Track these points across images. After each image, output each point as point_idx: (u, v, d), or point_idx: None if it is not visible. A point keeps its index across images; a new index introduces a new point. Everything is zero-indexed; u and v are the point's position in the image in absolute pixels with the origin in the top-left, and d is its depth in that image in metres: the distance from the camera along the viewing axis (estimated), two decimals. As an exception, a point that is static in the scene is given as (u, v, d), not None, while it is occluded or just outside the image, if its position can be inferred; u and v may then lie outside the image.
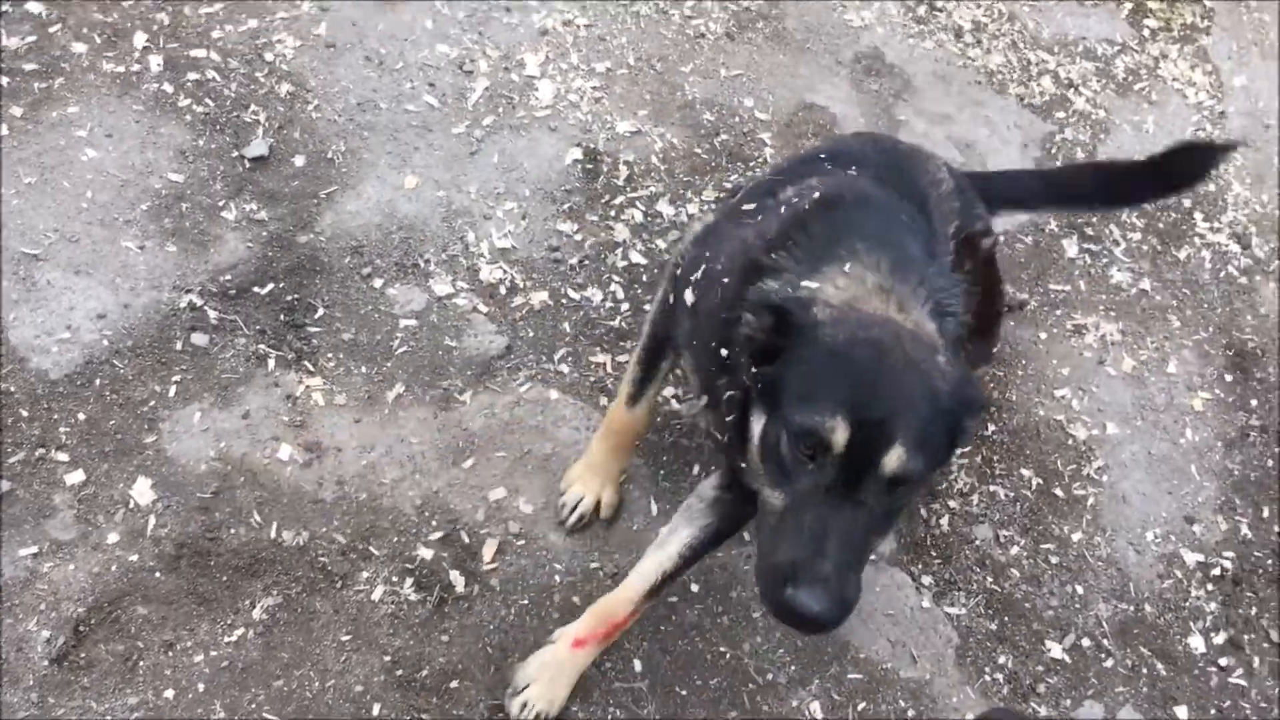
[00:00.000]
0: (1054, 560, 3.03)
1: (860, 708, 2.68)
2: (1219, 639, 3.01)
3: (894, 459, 1.70)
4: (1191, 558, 3.13)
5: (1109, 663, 2.90)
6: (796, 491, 1.76)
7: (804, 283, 1.99)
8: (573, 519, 2.76)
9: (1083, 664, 2.89)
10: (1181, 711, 2.87)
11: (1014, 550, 3.02)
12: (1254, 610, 3.08)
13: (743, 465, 2.00)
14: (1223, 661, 2.97)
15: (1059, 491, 3.15)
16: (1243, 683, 2.95)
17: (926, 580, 2.91)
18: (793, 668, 2.70)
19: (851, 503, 1.72)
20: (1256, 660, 3.00)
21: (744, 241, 2.19)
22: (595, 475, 2.76)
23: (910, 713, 2.71)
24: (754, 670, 2.68)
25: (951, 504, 3.05)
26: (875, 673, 2.74)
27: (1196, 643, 2.99)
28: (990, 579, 2.96)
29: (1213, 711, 2.89)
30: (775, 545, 1.77)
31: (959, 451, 1.92)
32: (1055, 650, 2.87)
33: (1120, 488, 3.22)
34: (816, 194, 2.21)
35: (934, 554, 2.97)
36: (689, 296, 2.26)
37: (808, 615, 1.67)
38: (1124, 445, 3.31)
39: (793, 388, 1.80)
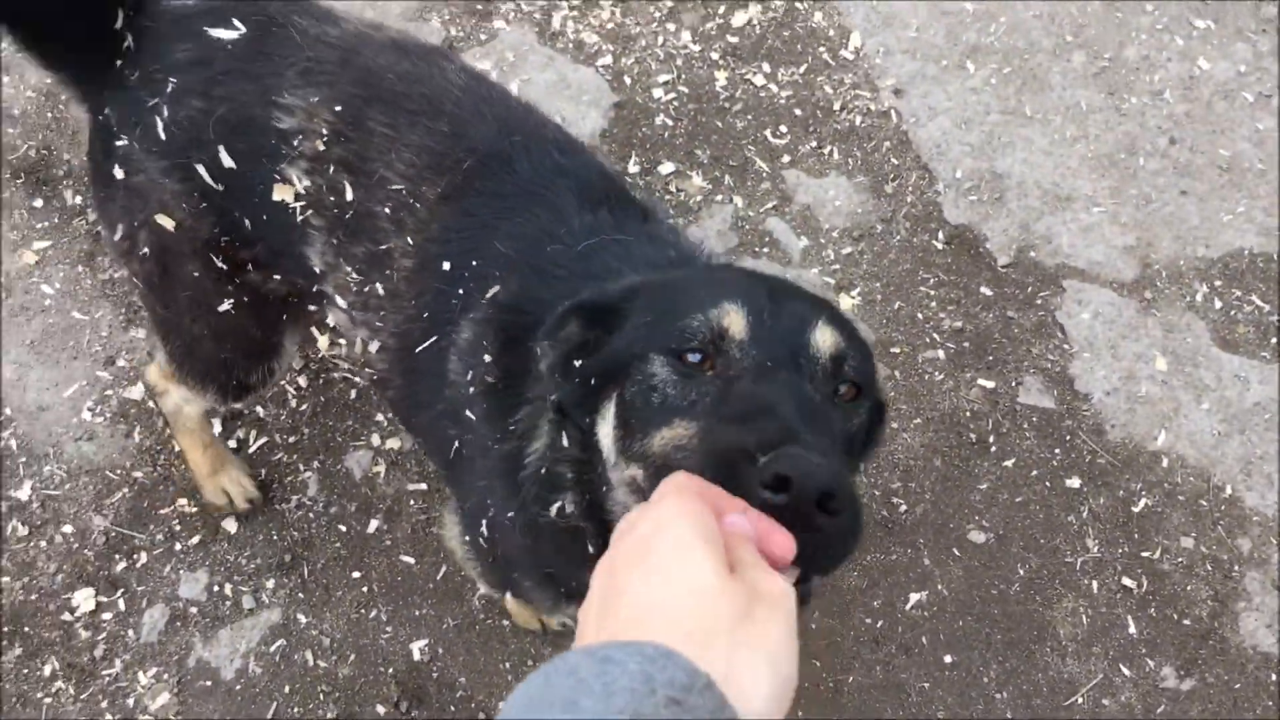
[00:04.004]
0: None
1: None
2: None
3: (826, 335, 1.23)
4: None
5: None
6: (708, 405, 1.16)
7: None
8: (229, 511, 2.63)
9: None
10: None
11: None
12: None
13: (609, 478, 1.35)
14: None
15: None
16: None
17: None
18: None
19: (796, 372, 1.18)
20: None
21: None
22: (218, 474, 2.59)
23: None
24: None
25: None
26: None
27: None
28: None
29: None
30: (714, 437, 1.13)
31: (883, 434, 1.48)
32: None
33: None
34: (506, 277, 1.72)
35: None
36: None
37: (802, 474, 0.96)
38: None
39: (640, 332, 1.30)
